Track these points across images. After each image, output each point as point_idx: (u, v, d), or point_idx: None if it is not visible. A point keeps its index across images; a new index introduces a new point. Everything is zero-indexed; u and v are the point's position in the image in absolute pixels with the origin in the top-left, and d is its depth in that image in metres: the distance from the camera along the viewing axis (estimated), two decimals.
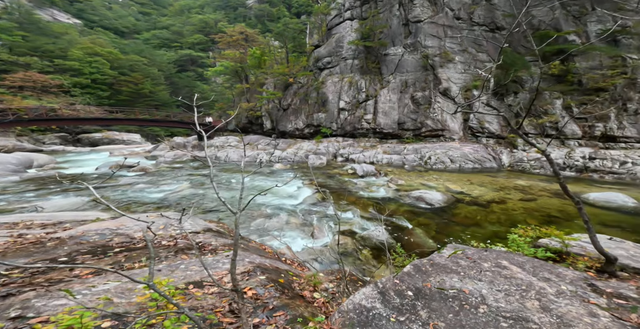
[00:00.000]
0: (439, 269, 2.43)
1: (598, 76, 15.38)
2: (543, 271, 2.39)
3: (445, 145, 16.71)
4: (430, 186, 10.57)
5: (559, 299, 1.91)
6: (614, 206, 7.93)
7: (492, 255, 2.72)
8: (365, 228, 6.58)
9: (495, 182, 11.26)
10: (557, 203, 8.36)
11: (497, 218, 7.07)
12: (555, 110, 15.57)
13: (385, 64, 21.40)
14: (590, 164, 12.79)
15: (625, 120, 14.11)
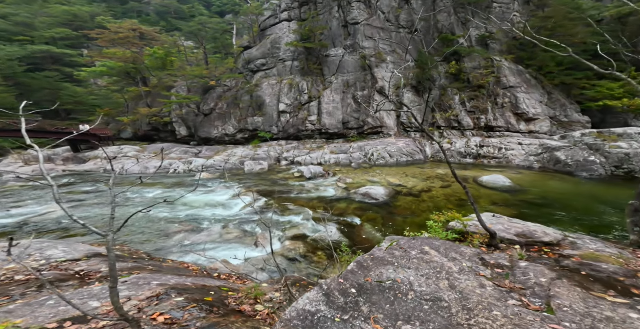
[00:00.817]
0: (378, 262, 2.64)
1: (479, 75, 19.14)
2: (451, 251, 2.89)
3: (384, 141, 18.32)
4: (374, 181, 11.40)
5: (461, 276, 2.36)
6: (498, 186, 10.06)
7: (418, 242, 3.11)
8: (317, 230, 6.73)
9: (423, 173, 12.90)
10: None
11: (426, 206, 8.14)
12: (455, 105, 18.76)
13: (327, 65, 22.19)
14: (481, 151, 16.00)
15: (496, 112, 18.08)
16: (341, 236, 6.29)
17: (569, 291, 2.12)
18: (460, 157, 16.24)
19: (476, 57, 19.99)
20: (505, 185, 10.09)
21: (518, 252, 2.91)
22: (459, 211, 4.43)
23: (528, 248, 3.42)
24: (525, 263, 2.65)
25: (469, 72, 19.58)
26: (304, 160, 17.06)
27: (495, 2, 22.28)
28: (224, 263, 4.46)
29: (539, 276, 2.35)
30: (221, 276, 3.76)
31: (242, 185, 11.74)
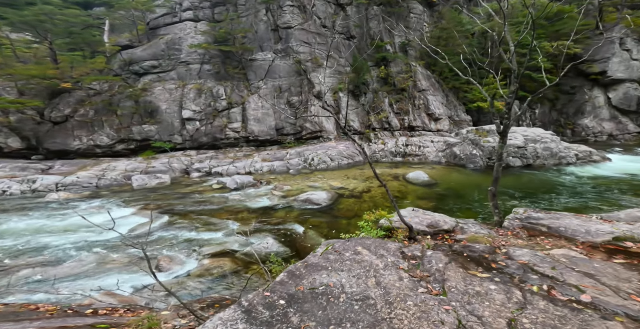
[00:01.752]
0: (312, 269, 2.69)
1: (401, 79, 21.46)
2: (380, 248, 3.15)
3: (324, 145, 18.67)
4: (316, 186, 11.44)
5: (385, 272, 2.64)
6: (420, 182, 11.42)
7: (352, 244, 3.28)
8: (249, 244, 6.37)
9: (363, 174, 13.57)
10: (397, 185, 11.20)
11: (367, 206, 8.59)
12: (385, 107, 20.61)
13: (253, 70, 21.39)
14: (407, 150, 18.01)
15: (415, 113, 20.64)
16: (281, 246, 6.17)
17: (455, 273, 2.58)
18: (392, 156, 17.89)
19: (399, 63, 22.44)
20: (425, 180, 11.53)
21: (427, 242, 3.44)
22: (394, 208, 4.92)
23: (435, 237, 4.02)
24: (431, 251, 3.12)
25: (394, 76, 21.81)
26: (226, 170, 15.81)
27: (412, 13, 25.34)
28: (105, 296, 3.86)
29: (438, 262, 2.81)
30: (99, 311, 3.28)
31: (131, 203, 9.90)
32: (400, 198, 9.57)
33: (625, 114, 24.30)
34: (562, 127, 25.35)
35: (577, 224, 3.95)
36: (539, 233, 4.03)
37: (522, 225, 4.33)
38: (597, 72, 24.24)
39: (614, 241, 3.37)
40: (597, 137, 24.14)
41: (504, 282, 2.40)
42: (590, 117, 24.61)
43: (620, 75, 23.84)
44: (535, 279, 2.44)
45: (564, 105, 25.99)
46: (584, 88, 25.17)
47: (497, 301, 2.12)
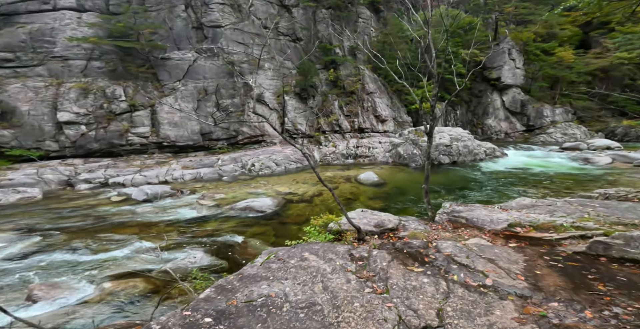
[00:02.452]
0: (249, 280, 2.57)
1: (351, 82, 22.20)
2: (328, 252, 3.21)
3: (268, 149, 17.93)
4: (259, 193, 10.91)
5: (333, 276, 2.71)
6: (370, 182, 11.85)
7: (299, 250, 3.25)
8: (168, 259, 5.66)
9: (314, 178, 13.28)
10: (349, 187, 11.36)
11: (319, 210, 8.46)
12: (335, 110, 21.06)
13: (166, 69, 19.20)
14: (357, 151, 18.67)
15: (364, 115, 21.57)
16: (216, 259, 5.67)
17: (397, 270, 2.79)
18: (344, 158, 18.29)
19: (348, 66, 23.20)
20: (375, 181, 11.80)
21: (373, 242, 3.68)
22: (348, 210, 5.03)
23: (382, 236, 4.24)
24: (377, 251, 3.30)
25: (344, 79, 22.45)
26: (130, 180, 13.70)
27: (360, 18, 26.33)
28: None
29: (382, 261, 2.99)
30: None
31: None
32: (353, 199, 9.85)
33: (514, 115, 29.47)
34: (475, 127, 29.35)
35: (485, 214, 4.65)
36: (460, 225, 4.62)
37: (449, 219, 4.91)
38: (495, 78, 28.78)
39: (509, 227, 4.07)
40: (498, 135, 28.63)
41: (434, 274, 2.68)
42: (492, 118, 29.16)
43: (509, 82, 28.66)
44: (455, 269, 2.76)
45: (475, 107, 30.24)
46: (487, 92, 29.72)
47: (428, 293, 2.36)
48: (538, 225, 4.01)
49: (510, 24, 31.33)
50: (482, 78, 29.77)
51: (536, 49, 30.02)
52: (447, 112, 29.13)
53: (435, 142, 16.38)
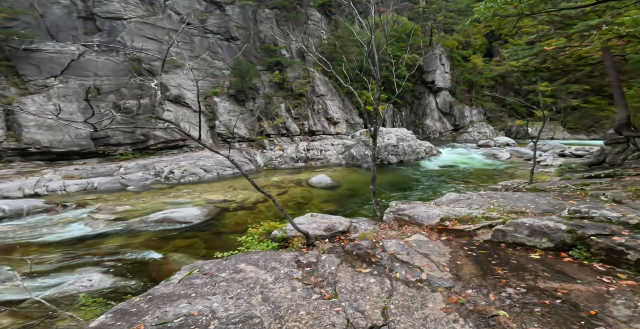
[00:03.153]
0: (163, 300, 2.30)
1: (299, 84, 22.12)
2: (272, 261, 3.07)
3: (192, 155, 16.24)
4: (181, 203, 9.84)
5: (276, 286, 2.58)
6: (323, 185, 11.86)
7: (232, 262, 3.03)
8: (48, 287, 4.80)
9: (257, 183, 12.97)
10: (300, 191, 11.13)
11: (264, 216, 8.08)
12: (282, 113, 20.66)
13: (33, 63, 16.23)
14: (308, 154, 18.63)
15: (315, 118, 21.72)
16: (120, 281, 4.99)
17: (345, 273, 2.80)
18: (294, 162, 17.94)
19: (296, 68, 23.08)
20: (328, 183, 11.85)
21: (321, 247, 3.68)
22: (300, 214, 4.90)
23: (333, 239, 4.25)
24: (326, 255, 3.28)
25: (291, 81, 22.22)
26: None
27: (310, 20, 26.60)
28: None
29: (331, 265, 2.98)
30: None
31: None
32: (305, 203, 9.73)
33: (445, 115, 33.47)
34: (417, 127, 32.37)
35: (424, 211, 5.06)
36: (404, 222, 4.92)
37: (395, 217, 5.19)
38: (430, 81, 32.31)
39: (440, 222, 4.52)
40: (434, 134, 32.10)
41: (380, 274, 2.76)
42: (429, 118, 32.64)
43: (441, 85, 32.53)
44: (398, 266, 2.91)
45: (416, 108, 33.46)
46: (425, 94, 33.24)
47: (374, 293, 2.42)
48: (460, 217, 4.55)
49: (441, 31, 35.25)
50: (422, 81, 33.00)
51: (458, 56, 34.61)
52: (394, 113, 31.30)
53: (384, 143, 17.37)
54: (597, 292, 2.19)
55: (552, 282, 2.39)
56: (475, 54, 35.50)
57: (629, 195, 4.80)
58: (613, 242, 2.73)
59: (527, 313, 1.95)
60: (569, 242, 2.98)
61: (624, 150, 10.70)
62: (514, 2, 5.08)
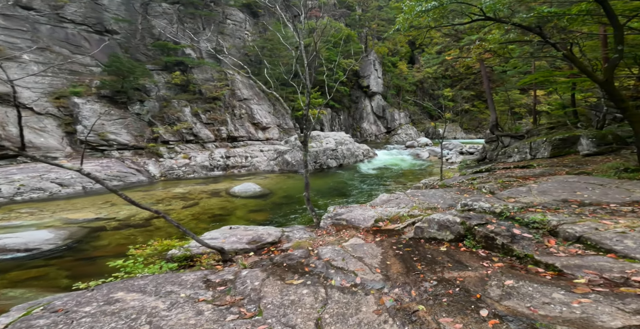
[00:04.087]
0: None
1: (212, 87, 21.77)
2: (167, 285, 2.81)
3: (37, 167, 14.10)
4: (17, 226, 8.54)
5: (171, 312, 2.34)
6: (251, 194, 11.83)
7: (102, 292, 2.70)
8: None
9: (151, 196, 11.97)
10: (217, 202, 10.82)
11: (166, 234, 7.42)
12: (186, 117, 19.70)
13: None
14: (228, 162, 18.17)
15: (236, 123, 21.64)
16: None
17: (273, 288, 2.76)
18: (207, 171, 17.26)
19: (208, 69, 22.76)
20: (257, 192, 12.13)
21: (241, 262, 3.47)
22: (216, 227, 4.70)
23: (260, 252, 4.21)
24: (247, 271, 3.18)
25: (200, 83, 21.71)
26: None
27: (229, 19, 26.76)
28: None
29: (254, 281, 2.90)
30: None
31: None
32: (225, 215, 9.49)
33: (379, 119, 38.44)
34: (355, 130, 36.13)
35: (360, 214, 5.50)
36: (342, 227, 5.22)
37: (333, 223, 5.48)
38: (366, 86, 37.06)
39: (375, 223, 4.97)
40: (370, 137, 36.24)
41: (314, 283, 2.83)
42: (366, 121, 37.00)
43: (375, 89, 37.45)
44: (333, 273, 3.05)
45: (354, 112, 37.55)
46: (361, 98, 37.73)
47: (307, 304, 2.44)
48: (391, 217, 5.11)
49: (375, 38, 40.86)
50: (358, 86, 37.38)
51: (389, 62, 40.55)
52: (332, 117, 34.03)
53: (323, 147, 18.52)
54: (480, 277, 2.68)
55: (454, 272, 2.86)
56: (401, 61, 42.34)
57: (498, 187, 6.17)
58: (487, 230, 3.45)
59: (437, 305, 2.28)
60: (463, 233, 3.68)
61: (496, 147, 13.94)
62: (423, 15, 6.28)
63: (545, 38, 6.26)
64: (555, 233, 3.23)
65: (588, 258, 2.67)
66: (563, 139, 9.93)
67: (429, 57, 27.98)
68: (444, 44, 19.65)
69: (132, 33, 21.10)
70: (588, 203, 4.17)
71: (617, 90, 6.00)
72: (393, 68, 40.74)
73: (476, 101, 39.14)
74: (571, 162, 8.30)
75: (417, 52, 43.53)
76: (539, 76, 12.30)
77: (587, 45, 10.20)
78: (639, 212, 3.64)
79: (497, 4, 6.19)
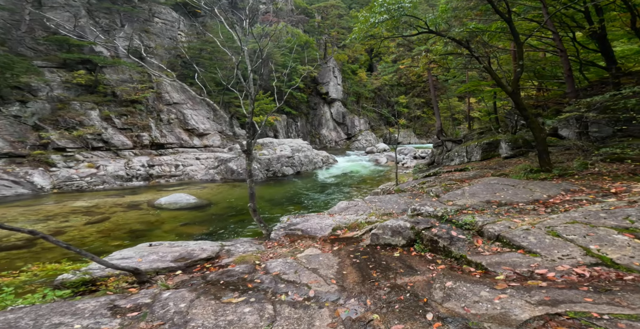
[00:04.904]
0: None
1: (130, 89, 20.79)
2: (55, 316, 2.47)
3: None
4: None
5: None
6: (182, 206, 11.20)
7: None
8: None
9: (37, 211, 10.84)
10: (136, 216, 10.07)
11: (58, 255, 6.66)
12: (93, 122, 18.31)
13: None
14: (153, 171, 17.12)
15: (163, 129, 20.77)
16: None
17: (204, 308, 2.59)
18: (123, 181, 16.26)
19: (126, 70, 21.80)
20: (191, 203, 11.56)
21: (161, 283, 3.11)
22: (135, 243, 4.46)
23: (190, 270, 3.98)
24: (170, 292, 2.93)
25: (114, 85, 20.69)
26: None
27: (157, 18, 26.29)
28: None
29: (179, 303, 2.66)
30: None
31: None
32: (146, 230, 8.91)
33: (339, 125, 40.89)
34: (313, 137, 37.75)
35: (317, 223, 5.60)
36: (297, 237, 5.24)
37: (286, 233, 5.50)
38: (325, 92, 39.29)
39: (333, 232, 5.11)
40: (330, 144, 38.05)
41: (259, 300, 2.76)
42: (325, 128, 39.12)
43: (334, 96, 39.95)
44: (283, 288, 3.06)
45: (312, 118, 39.31)
46: (320, 104, 39.81)
47: (250, 324, 2.37)
48: (349, 225, 5.37)
49: (334, 46, 43.71)
50: (317, 92, 39.51)
51: (348, 69, 43.86)
52: (288, 124, 34.85)
53: (277, 154, 18.69)
54: (427, 280, 2.96)
55: (405, 277, 3.12)
56: (360, 68, 46.23)
57: (442, 190, 6.92)
58: (432, 233, 3.87)
59: (390, 312, 2.45)
60: (413, 237, 4.05)
61: (442, 151, 15.71)
62: (377, 26, 7.16)
63: (472, 52, 7.57)
64: (482, 233, 3.74)
65: (505, 255, 3.14)
66: (489, 143, 11.78)
67: (385, 66, 30.90)
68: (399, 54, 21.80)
69: (15, 24, 19.36)
70: (504, 203, 5.03)
71: (522, 100, 7.22)
72: (353, 75, 44.17)
73: (425, 108, 44.23)
74: (495, 164, 10.04)
75: (375, 60, 48.05)
76: (470, 85, 14.96)
77: (503, 59, 12.44)
78: (538, 210, 4.51)
79: (438, 19, 7.81)
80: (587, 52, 10.60)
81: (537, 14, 9.50)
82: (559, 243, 3.08)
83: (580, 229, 3.26)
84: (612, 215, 3.53)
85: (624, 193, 4.57)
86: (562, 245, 3.04)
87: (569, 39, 10.15)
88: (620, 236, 2.98)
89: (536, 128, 6.85)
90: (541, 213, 4.29)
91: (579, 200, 4.62)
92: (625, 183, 5.13)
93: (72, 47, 20.26)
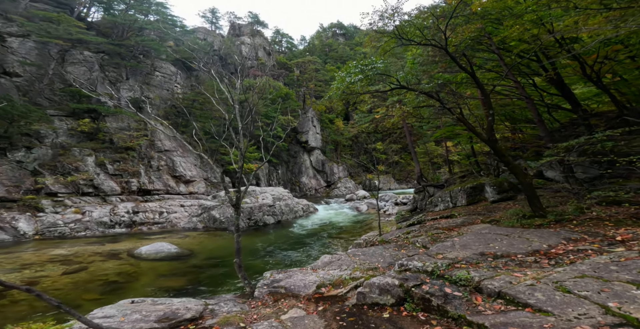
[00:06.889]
0: None
1: (126, 136, 21.35)
2: None
3: None
4: None
5: None
6: (163, 256, 10.63)
7: None
8: None
9: (13, 260, 10.20)
10: (114, 266, 9.48)
11: (27, 308, 6.20)
12: (87, 167, 18.35)
13: None
14: (136, 218, 16.55)
15: (152, 175, 20.79)
16: None
17: None
18: (105, 228, 15.64)
19: (125, 118, 22.75)
20: (172, 253, 10.95)
21: None
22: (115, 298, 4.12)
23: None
24: None
25: (113, 132, 21.31)
26: None
27: (158, 72, 28.48)
28: None
29: None
30: None
31: None
32: (124, 282, 8.32)
33: (319, 173, 41.42)
34: (294, 185, 37.75)
35: (300, 279, 5.31)
36: (280, 295, 4.96)
37: (269, 291, 5.18)
38: (304, 141, 40.51)
39: (317, 289, 4.83)
40: (310, 191, 38.03)
41: None
42: (305, 176, 39.45)
43: (313, 144, 41.13)
44: None
45: (292, 166, 39.73)
46: (300, 153, 40.71)
47: None
48: (334, 281, 5.10)
49: (312, 97, 46.71)
50: (297, 141, 40.75)
51: (326, 119, 46.05)
52: (269, 171, 35.16)
53: (259, 203, 18.28)
54: None
55: None
56: (337, 118, 48.85)
57: (429, 240, 6.51)
58: (423, 291, 3.58)
59: None
60: (403, 296, 3.76)
61: (424, 197, 15.56)
62: (353, 84, 7.62)
63: (443, 104, 7.91)
64: (480, 290, 3.46)
65: (510, 315, 2.86)
66: (473, 187, 11.51)
67: (361, 115, 33.06)
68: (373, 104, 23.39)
69: (39, 77, 20.77)
70: (500, 255, 4.63)
71: (499, 147, 7.14)
72: (330, 124, 46.22)
73: (403, 153, 45.75)
74: (483, 209, 9.49)
75: (351, 109, 50.71)
76: (445, 131, 15.05)
77: (472, 104, 12.77)
78: (540, 262, 4.13)
79: (408, 75, 8.42)
80: (551, 97, 10.75)
81: (497, 64, 9.74)
82: (572, 300, 2.79)
83: (593, 284, 3.00)
84: (624, 267, 3.26)
85: (632, 241, 4.22)
86: (576, 302, 2.75)
87: (531, 84, 10.33)
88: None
89: (519, 174, 6.64)
90: (544, 266, 3.96)
91: (584, 249, 4.26)
92: (631, 230, 4.70)
93: (82, 98, 21.41)
